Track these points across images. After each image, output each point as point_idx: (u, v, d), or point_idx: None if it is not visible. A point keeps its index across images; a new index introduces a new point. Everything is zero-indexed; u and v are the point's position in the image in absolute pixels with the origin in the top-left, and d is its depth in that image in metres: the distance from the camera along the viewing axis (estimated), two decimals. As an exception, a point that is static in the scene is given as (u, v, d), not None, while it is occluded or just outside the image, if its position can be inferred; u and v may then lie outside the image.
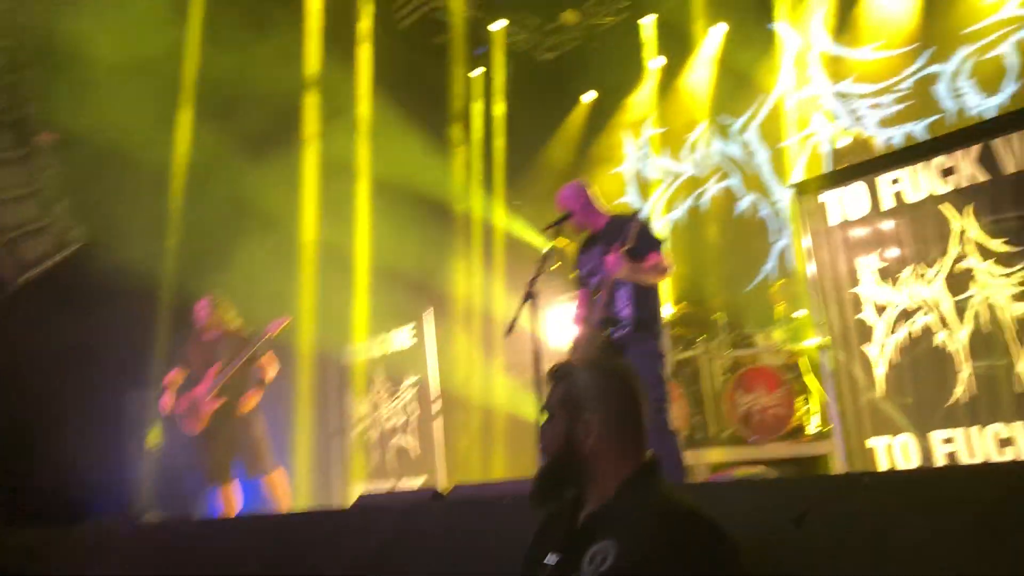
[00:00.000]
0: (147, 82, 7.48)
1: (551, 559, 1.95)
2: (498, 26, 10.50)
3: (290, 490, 6.73)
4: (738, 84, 9.60)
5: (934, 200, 4.82)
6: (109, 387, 7.77)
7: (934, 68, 8.20)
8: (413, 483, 8.33)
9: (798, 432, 6.79)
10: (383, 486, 8.60)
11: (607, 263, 4.40)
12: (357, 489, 8.78)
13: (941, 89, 8.15)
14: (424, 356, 8.42)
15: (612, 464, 1.94)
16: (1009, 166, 4.54)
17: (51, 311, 7.65)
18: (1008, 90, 7.73)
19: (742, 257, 9.30)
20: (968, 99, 7.99)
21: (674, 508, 1.80)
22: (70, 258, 8.05)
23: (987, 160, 4.62)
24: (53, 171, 8.23)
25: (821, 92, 9.02)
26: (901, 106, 8.46)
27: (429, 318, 8.42)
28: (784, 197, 9.32)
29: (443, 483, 7.88)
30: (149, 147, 7.55)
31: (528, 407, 8.62)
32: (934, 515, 1.79)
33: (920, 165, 4.91)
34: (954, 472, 2.37)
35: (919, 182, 4.91)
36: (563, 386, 2.05)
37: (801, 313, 7.30)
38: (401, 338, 8.82)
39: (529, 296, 4.31)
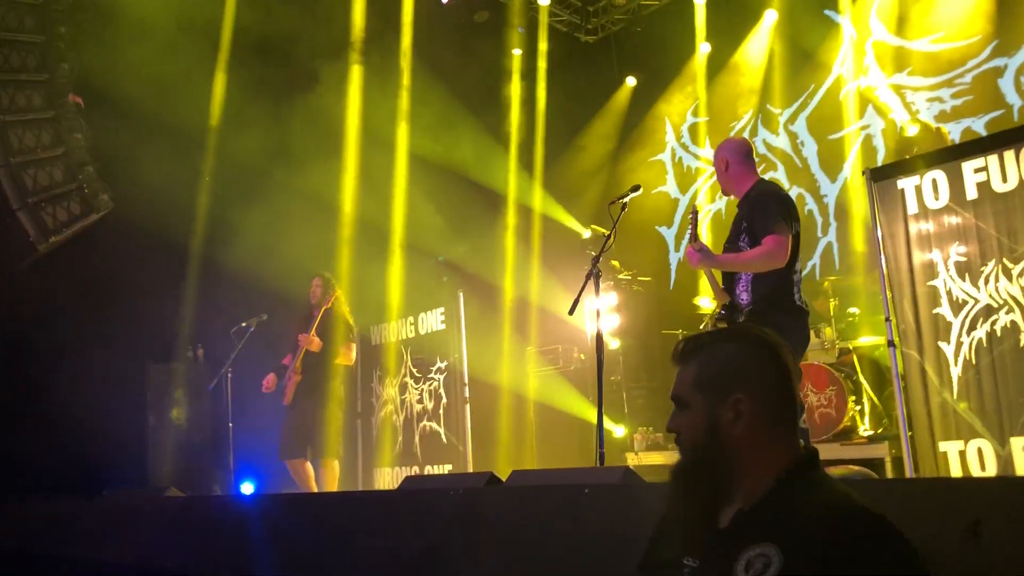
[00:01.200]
0: (182, 39, 7.23)
1: (690, 563, 1.65)
2: (543, 3, 10.16)
3: (337, 482, 6.69)
4: (788, 73, 9.25)
5: (1025, 190, 4.50)
6: (133, 357, 7.55)
7: (998, 61, 7.83)
8: (440, 470, 8.07)
9: (849, 433, 6.47)
10: (408, 472, 8.35)
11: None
12: (382, 473, 8.54)
13: (1006, 83, 7.78)
14: (455, 340, 8.15)
15: (766, 454, 1.62)
16: (1112, 155, 4.22)
17: (77, 277, 7.43)
18: (1080, 85, 7.38)
19: (787, 251, 8.95)
20: (1035, 94, 7.64)
21: (846, 506, 1.49)
22: (98, 223, 7.82)
23: (1087, 148, 4.31)
24: (82, 133, 7.99)
25: (876, 84, 8.66)
26: (960, 100, 8.09)
27: (461, 301, 8.14)
28: (832, 191, 8.99)
29: (472, 471, 7.61)
30: (182, 108, 7.29)
31: (561, 396, 8.37)
32: None
33: (1009, 153, 4.58)
34: None
35: (1007, 171, 4.59)
36: (698, 364, 1.71)
37: (855, 310, 6.98)
38: (431, 321, 8.56)
39: (594, 273, 4.01)
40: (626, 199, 4.24)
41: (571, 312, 4.01)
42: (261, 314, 7.26)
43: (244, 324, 7.16)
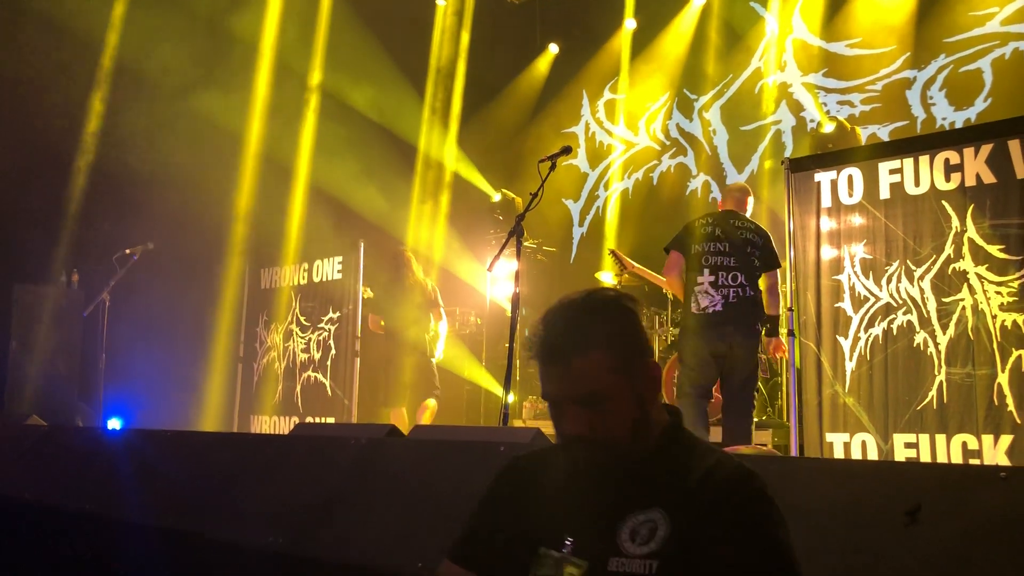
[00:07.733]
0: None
1: (568, 541, 1.42)
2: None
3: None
4: (708, 60, 9.31)
5: (935, 195, 4.60)
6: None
7: (908, 73, 8.06)
8: (321, 422, 7.82)
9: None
10: (288, 422, 8.08)
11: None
12: (259, 420, 8.24)
13: (913, 95, 8.03)
14: (350, 291, 7.88)
15: (653, 417, 1.49)
16: (1021, 170, 4.35)
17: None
18: (978, 107, 7.66)
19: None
20: (937, 109, 7.90)
21: (728, 466, 1.40)
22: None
23: (998, 161, 4.41)
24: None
25: (791, 81, 8.81)
26: (868, 107, 8.32)
27: (361, 252, 7.86)
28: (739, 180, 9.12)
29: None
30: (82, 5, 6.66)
31: (452, 359, 8.24)
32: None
33: (924, 158, 4.68)
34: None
35: (921, 175, 4.69)
36: (604, 348, 1.43)
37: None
38: (327, 269, 8.25)
39: (516, 231, 3.88)
40: (556, 159, 4.13)
41: (490, 268, 3.89)
42: (147, 242, 6.85)
43: (128, 251, 6.74)
